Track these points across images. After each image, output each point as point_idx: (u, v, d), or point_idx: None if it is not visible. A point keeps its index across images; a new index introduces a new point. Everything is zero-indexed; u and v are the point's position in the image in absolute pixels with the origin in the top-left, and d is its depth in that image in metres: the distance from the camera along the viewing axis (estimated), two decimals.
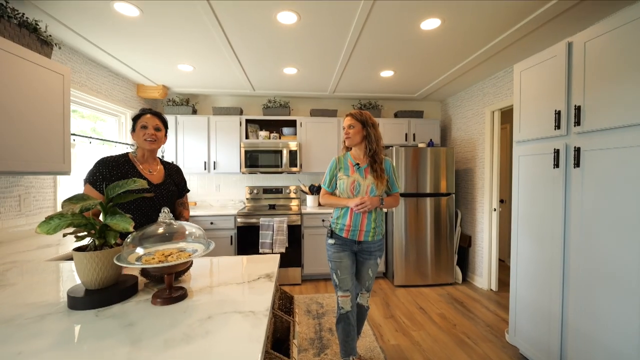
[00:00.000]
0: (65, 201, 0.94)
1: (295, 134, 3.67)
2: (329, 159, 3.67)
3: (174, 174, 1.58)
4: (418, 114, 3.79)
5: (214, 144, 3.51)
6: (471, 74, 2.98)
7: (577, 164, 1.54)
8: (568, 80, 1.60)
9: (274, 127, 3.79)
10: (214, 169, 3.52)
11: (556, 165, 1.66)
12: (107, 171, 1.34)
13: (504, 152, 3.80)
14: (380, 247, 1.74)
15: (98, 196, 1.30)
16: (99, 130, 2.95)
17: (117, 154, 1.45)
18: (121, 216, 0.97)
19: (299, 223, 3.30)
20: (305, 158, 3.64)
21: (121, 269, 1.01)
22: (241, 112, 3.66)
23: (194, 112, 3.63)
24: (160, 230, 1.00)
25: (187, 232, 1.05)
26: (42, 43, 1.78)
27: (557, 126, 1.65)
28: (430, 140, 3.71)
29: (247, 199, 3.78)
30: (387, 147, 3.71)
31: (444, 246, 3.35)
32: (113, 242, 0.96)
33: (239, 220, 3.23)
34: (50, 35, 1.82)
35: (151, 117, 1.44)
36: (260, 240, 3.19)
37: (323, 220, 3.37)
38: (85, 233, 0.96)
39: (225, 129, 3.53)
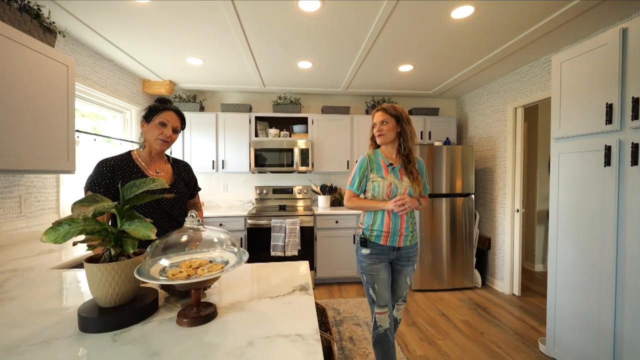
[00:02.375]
0: (75, 203, 0.79)
1: (306, 132, 3.53)
2: (342, 158, 3.54)
3: (183, 172, 1.43)
4: (434, 112, 3.65)
5: (222, 142, 3.37)
6: (493, 68, 2.84)
7: (634, 161, 1.40)
8: (622, 70, 1.46)
9: (284, 124, 3.65)
10: (223, 168, 3.37)
11: (607, 163, 1.52)
12: (110, 175, 1.18)
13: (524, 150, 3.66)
14: (417, 251, 1.60)
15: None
16: (100, 129, 2.80)
17: (119, 153, 1.28)
18: (140, 221, 0.83)
19: (311, 225, 3.16)
20: (317, 157, 3.50)
21: (139, 282, 0.87)
22: (250, 109, 3.52)
23: (202, 109, 3.48)
24: (185, 237, 0.86)
25: (215, 240, 0.91)
26: (45, 30, 1.64)
27: (609, 121, 1.51)
28: (447, 138, 3.56)
29: (255, 199, 3.64)
30: None
31: (460, 248, 3.21)
32: (131, 251, 0.82)
33: (249, 221, 3.08)
34: (53, 22, 1.68)
35: (173, 116, 1.27)
36: (271, 243, 3.04)
37: (337, 222, 3.22)
38: (99, 241, 0.81)
39: (234, 127, 3.39)
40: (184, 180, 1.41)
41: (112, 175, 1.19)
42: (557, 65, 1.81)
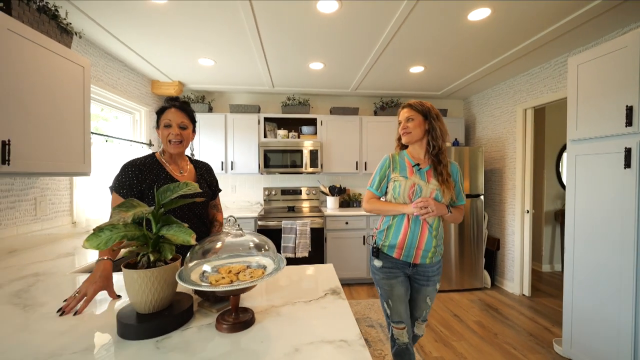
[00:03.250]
0: (115, 209, 0.79)
1: (315, 133, 3.52)
2: (351, 159, 3.53)
3: (205, 173, 1.41)
4: (442, 113, 3.65)
5: (231, 143, 3.36)
6: (504, 70, 2.84)
7: None
8: None
9: (292, 125, 3.64)
10: (232, 169, 3.36)
11: (627, 165, 1.52)
12: (135, 176, 1.17)
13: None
14: (440, 270, 1.40)
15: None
16: (102, 130, 2.76)
17: (143, 155, 1.27)
18: (179, 226, 0.82)
19: (321, 226, 3.15)
20: (325, 158, 3.49)
21: (176, 288, 0.86)
22: (259, 110, 3.51)
23: (210, 109, 3.47)
24: (225, 242, 0.85)
25: (251, 245, 0.90)
26: (62, 31, 1.63)
27: (629, 123, 1.51)
28: (456, 139, 3.57)
29: (264, 200, 3.63)
30: None
31: (469, 249, 3.21)
32: (170, 257, 0.81)
33: (259, 223, 3.08)
34: (70, 23, 1.66)
35: (175, 112, 1.22)
36: (282, 244, 3.03)
37: (346, 223, 3.22)
38: (139, 247, 0.80)
39: (242, 128, 3.38)
40: (207, 181, 1.40)
41: (139, 176, 1.18)
42: (573, 68, 1.82)
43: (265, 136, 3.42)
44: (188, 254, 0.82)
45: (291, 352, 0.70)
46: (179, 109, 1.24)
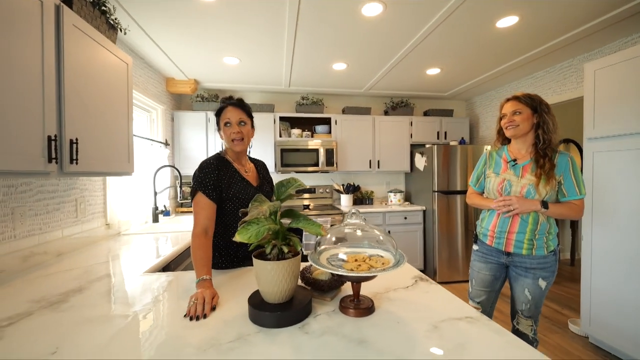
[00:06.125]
0: (253, 202, 0.82)
1: (329, 132, 3.58)
2: (364, 157, 3.63)
3: (264, 172, 1.44)
4: (449, 113, 3.84)
5: None
6: (511, 73, 3.05)
7: None
8: None
9: (305, 124, 3.68)
10: None
11: None
12: (216, 175, 1.18)
13: None
14: (545, 265, 1.33)
15: (209, 204, 1.15)
16: None
17: (211, 156, 1.28)
18: (306, 219, 0.86)
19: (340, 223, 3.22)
20: (340, 156, 3.56)
21: (298, 279, 0.90)
22: (273, 109, 3.51)
23: None
24: (351, 232, 0.91)
25: (380, 238, 0.96)
26: (110, 27, 1.58)
27: None
28: (462, 138, 3.76)
29: None
30: (421, 145, 3.73)
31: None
32: (300, 248, 0.85)
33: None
34: (116, 19, 1.62)
35: (233, 110, 1.22)
36: (303, 242, 3.06)
37: (365, 220, 3.30)
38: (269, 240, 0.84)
39: (258, 127, 3.31)
40: (266, 179, 1.43)
41: (217, 174, 1.20)
42: (590, 72, 2.01)
43: (280, 135, 3.44)
44: (316, 245, 0.86)
45: (431, 328, 0.77)
46: (235, 106, 1.24)
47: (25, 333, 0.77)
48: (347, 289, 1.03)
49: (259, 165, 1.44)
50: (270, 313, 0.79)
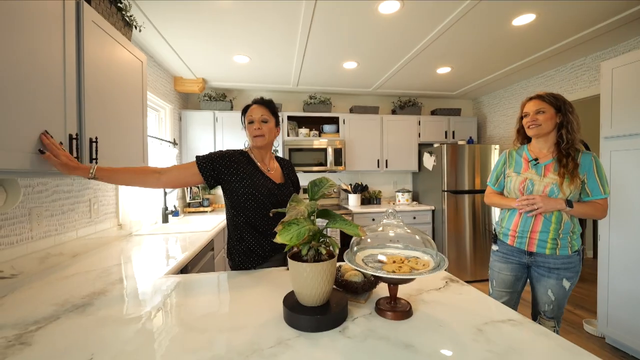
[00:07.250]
0: (291, 202, 0.80)
1: (337, 132, 3.56)
2: (373, 157, 3.61)
3: (289, 171, 1.43)
4: (456, 112, 3.82)
5: None
6: (521, 72, 3.03)
7: None
8: None
9: (312, 124, 3.66)
10: None
11: None
12: (225, 161, 1.20)
13: None
14: (569, 265, 1.31)
15: (192, 171, 1.17)
16: None
17: (232, 149, 1.28)
18: (343, 220, 0.84)
19: None
20: (348, 156, 3.54)
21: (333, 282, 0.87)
22: (280, 109, 3.49)
23: (232, 107, 3.40)
24: (390, 233, 0.89)
25: (417, 238, 0.93)
26: (126, 24, 1.55)
27: None
28: (470, 137, 3.75)
29: None
30: (429, 144, 3.71)
31: (481, 242, 3.38)
32: (337, 250, 0.83)
33: None
34: (132, 16, 1.59)
35: (257, 108, 1.26)
36: None
37: (373, 219, 3.29)
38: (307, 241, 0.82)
39: None
40: (291, 179, 1.40)
41: (226, 163, 1.20)
42: (607, 71, 1.99)
43: (288, 135, 3.42)
44: (353, 245, 0.84)
45: (476, 331, 0.75)
46: (260, 104, 1.29)
47: (57, 338, 0.75)
48: (378, 290, 1.00)
49: (285, 166, 1.43)
50: (310, 317, 0.76)
